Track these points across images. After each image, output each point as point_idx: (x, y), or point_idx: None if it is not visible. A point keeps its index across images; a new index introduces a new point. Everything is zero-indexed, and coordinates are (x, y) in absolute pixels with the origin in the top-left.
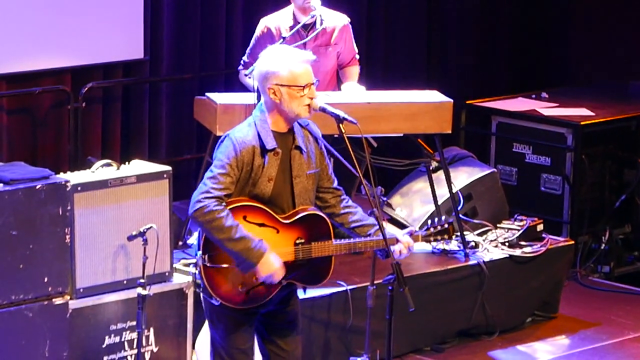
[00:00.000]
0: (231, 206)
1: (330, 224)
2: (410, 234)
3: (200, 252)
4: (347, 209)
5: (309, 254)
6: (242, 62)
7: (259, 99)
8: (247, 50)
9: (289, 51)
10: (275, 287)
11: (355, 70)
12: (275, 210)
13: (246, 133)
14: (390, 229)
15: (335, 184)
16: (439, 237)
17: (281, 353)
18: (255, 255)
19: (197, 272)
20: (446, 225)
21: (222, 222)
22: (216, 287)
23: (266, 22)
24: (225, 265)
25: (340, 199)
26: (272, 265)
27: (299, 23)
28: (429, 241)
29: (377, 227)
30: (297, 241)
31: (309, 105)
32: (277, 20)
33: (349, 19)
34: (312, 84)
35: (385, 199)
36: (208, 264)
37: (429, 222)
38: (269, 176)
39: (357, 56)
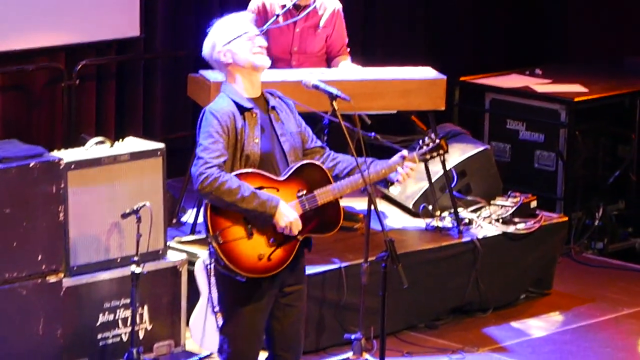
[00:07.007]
0: None
1: (325, 169)
2: (404, 158)
3: (210, 233)
4: (334, 161)
5: (314, 202)
6: None
7: None
8: None
9: (222, 19)
10: (292, 245)
11: (346, 60)
12: (271, 172)
13: (221, 103)
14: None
15: (319, 143)
16: (434, 154)
17: (278, 327)
18: (270, 206)
19: (214, 253)
20: (437, 141)
21: (230, 184)
22: (237, 262)
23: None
24: (239, 238)
25: (326, 156)
26: (288, 214)
27: (291, 2)
28: (426, 160)
29: (372, 161)
30: (299, 193)
31: (260, 52)
32: None
33: (340, 5)
34: (255, 34)
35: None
36: (222, 241)
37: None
38: (253, 136)
39: (348, 48)
